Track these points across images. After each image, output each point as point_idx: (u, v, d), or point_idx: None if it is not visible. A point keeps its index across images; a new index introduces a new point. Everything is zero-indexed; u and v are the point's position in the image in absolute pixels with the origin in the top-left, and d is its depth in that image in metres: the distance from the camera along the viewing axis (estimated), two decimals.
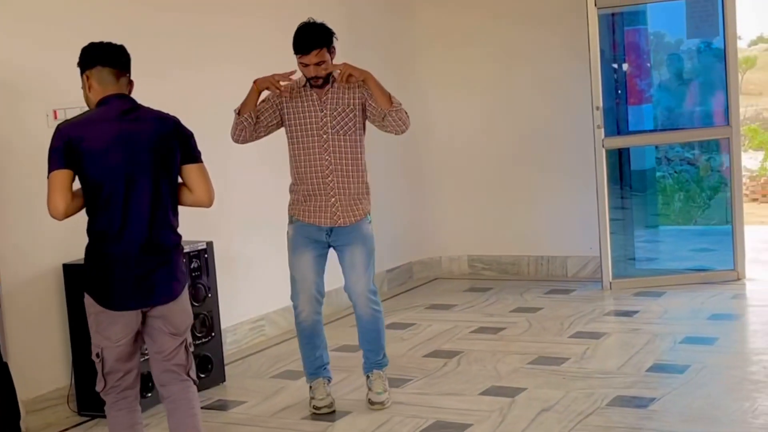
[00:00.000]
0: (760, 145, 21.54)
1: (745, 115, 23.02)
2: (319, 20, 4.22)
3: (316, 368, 4.42)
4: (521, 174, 7.07)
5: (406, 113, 4.28)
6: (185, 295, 3.33)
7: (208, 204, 3.33)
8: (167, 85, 4.89)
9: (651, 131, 7.22)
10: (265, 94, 4.29)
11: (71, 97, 4.61)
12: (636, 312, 5.87)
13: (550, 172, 6.99)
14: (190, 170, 3.26)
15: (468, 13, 7.03)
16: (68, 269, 4.51)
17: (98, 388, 3.30)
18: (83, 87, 3.30)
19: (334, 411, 4.36)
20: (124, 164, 3.14)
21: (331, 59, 4.22)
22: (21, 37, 4.43)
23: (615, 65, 7.01)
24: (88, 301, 3.25)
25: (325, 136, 4.26)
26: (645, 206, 7.59)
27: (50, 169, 3.12)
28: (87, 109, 3.35)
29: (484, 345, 5.33)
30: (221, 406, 4.58)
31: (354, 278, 4.34)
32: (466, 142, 7.12)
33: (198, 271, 4.75)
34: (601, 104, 6.41)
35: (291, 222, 4.38)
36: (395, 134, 4.36)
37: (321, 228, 4.29)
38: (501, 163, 7.15)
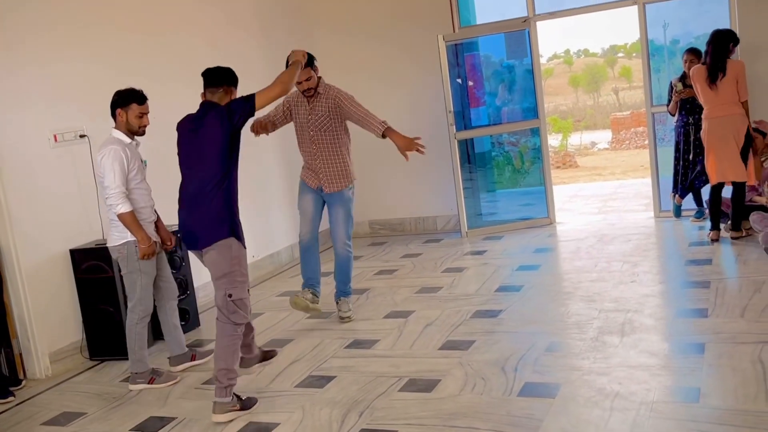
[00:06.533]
0: (559, 130, 22.39)
1: (548, 109, 23.76)
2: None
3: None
4: (402, 160, 7.10)
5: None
6: (214, 249, 3.22)
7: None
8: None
9: (487, 125, 7.37)
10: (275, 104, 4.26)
11: (68, 123, 4.40)
12: (485, 251, 6.02)
13: (421, 158, 7.00)
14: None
15: (357, 48, 7.00)
16: (73, 253, 4.33)
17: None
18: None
19: (312, 309, 4.46)
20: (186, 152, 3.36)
21: (316, 74, 4.32)
22: (28, 67, 4.17)
23: (459, 80, 7.11)
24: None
25: (311, 133, 4.35)
26: (486, 177, 7.73)
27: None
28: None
29: (384, 283, 5.39)
30: (198, 344, 4.50)
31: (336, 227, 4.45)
32: (364, 140, 7.08)
33: (175, 246, 4.61)
34: (452, 108, 6.53)
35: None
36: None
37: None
38: (387, 154, 7.15)
